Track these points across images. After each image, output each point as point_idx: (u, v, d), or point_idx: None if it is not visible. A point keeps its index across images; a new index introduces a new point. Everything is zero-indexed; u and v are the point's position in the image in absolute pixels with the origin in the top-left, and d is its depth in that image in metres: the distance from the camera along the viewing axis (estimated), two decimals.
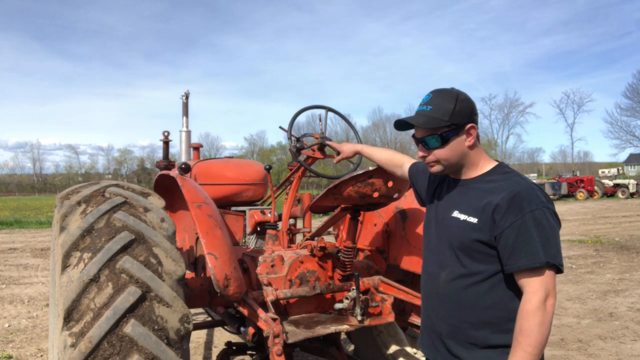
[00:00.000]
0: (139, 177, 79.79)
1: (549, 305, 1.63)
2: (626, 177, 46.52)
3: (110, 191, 2.39)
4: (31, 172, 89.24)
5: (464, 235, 1.79)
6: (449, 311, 1.85)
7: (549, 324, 1.63)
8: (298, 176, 3.63)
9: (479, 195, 1.80)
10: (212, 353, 5.24)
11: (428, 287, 1.98)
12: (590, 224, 18.04)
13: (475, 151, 1.87)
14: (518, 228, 1.66)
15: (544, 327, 1.61)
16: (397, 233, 3.37)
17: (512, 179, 1.78)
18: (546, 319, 1.62)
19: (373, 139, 76.75)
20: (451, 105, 1.81)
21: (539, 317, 1.61)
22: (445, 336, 1.87)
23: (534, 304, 1.62)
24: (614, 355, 5.04)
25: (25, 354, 5.25)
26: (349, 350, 4.35)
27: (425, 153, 1.88)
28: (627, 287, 8.02)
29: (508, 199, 1.70)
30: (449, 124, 1.80)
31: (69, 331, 1.91)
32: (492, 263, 1.75)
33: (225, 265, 2.44)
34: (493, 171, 1.86)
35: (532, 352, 1.60)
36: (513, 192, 1.70)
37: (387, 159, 2.50)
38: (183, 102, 5.17)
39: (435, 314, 1.93)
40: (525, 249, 1.64)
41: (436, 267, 1.92)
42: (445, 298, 1.86)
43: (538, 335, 1.61)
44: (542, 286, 1.63)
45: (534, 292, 1.63)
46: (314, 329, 2.72)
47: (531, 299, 1.63)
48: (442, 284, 1.87)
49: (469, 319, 1.79)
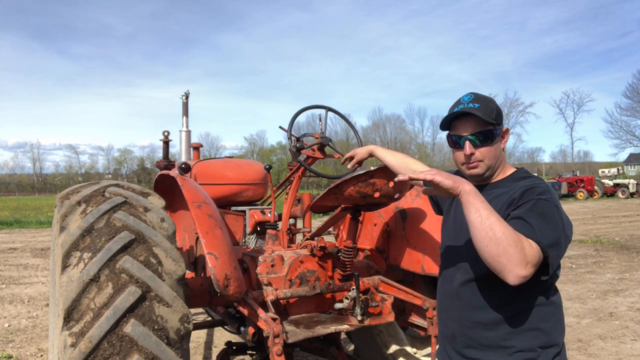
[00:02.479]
0: (139, 177, 79.79)
1: (523, 267, 1.51)
2: (626, 177, 46.52)
3: (110, 191, 2.39)
4: (31, 172, 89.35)
5: None
6: (460, 312, 1.85)
7: (512, 245, 1.50)
8: (298, 176, 3.63)
9: (500, 197, 1.81)
10: (212, 353, 5.24)
11: (443, 288, 1.98)
12: (590, 224, 18.03)
13: (503, 155, 1.93)
14: (524, 208, 1.66)
15: (508, 244, 1.50)
16: (397, 233, 3.37)
17: (531, 179, 1.83)
18: (518, 246, 1.50)
19: (373, 139, 76.75)
20: (493, 105, 1.86)
21: (515, 247, 1.50)
22: (457, 337, 1.86)
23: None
24: (614, 355, 5.04)
25: (25, 354, 5.25)
26: (349, 350, 4.35)
27: (474, 150, 1.85)
28: (627, 286, 8.03)
29: (522, 191, 1.72)
30: (494, 123, 1.83)
31: (69, 331, 1.91)
32: None
33: (225, 265, 2.44)
34: (515, 175, 1.90)
35: (487, 215, 1.54)
36: (528, 186, 1.74)
37: (400, 162, 2.45)
38: (183, 102, 5.17)
39: (447, 315, 1.93)
40: (523, 225, 1.61)
41: (452, 268, 1.92)
42: (458, 298, 1.86)
43: (500, 232, 1.51)
44: (529, 251, 1.54)
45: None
46: (314, 329, 2.72)
47: None
48: (456, 284, 1.87)
49: (480, 320, 1.78)
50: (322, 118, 3.52)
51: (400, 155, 2.52)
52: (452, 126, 1.90)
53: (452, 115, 1.88)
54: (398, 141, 77.60)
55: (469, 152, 1.84)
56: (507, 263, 1.51)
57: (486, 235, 1.53)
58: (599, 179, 37.76)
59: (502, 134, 1.89)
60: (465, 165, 1.89)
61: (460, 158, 1.89)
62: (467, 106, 1.84)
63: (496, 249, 1.52)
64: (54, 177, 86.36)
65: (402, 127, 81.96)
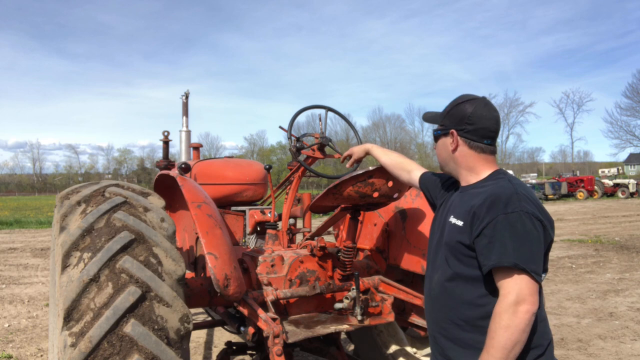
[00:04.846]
0: (139, 177, 79.79)
1: (521, 311, 1.57)
2: (626, 177, 46.53)
3: (110, 191, 2.39)
4: (31, 172, 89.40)
5: (451, 237, 1.84)
6: (437, 312, 1.90)
7: (519, 331, 1.57)
8: (298, 176, 3.63)
9: (467, 200, 1.83)
10: (212, 353, 5.24)
11: (426, 289, 2.03)
12: (590, 224, 18.03)
13: (467, 157, 1.89)
14: (492, 228, 1.66)
15: (510, 331, 1.57)
16: (397, 233, 3.37)
17: (499, 183, 1.78)
18: (514, 323, 1.57)
19: (373, 138, 76.73)
20: (448, 107, 1.97)
21: (506, 320, 1.57)
22: (438, 337, 1.90)
23: (502, 306, 1.60)
24: (614, 354, 5.04)
25: (25, 354, 5.25)
26: (349, 350, 4.35)
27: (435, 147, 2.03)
28: (627, 286, 8.02)
29: (486, 202, 1.71)
30: (441, 124, 1.97)
31: (69, 331, 1.91)
32: (474, 266, 1.76)
33: (225, 265, 2.44)
34: (489, 177, 1.87)
35: (494, 354, 1.58)
36: (492, 196, 1.72)
37: (394, 162, 2.47)
38: (183, 102, 5.17)
39: (428, 316, 2.00)
40: (496, 248, 1.64)
41: (432, 270, 1.97)
42: (435, 299, 1.91)
43: (502, 338, 1.57)
44: (513, 289, 1.60)
45: (505, 294, 1.61)
46: (314, 329, 2.72)
47: (501, 301, 1.61)
48: (434, 285, 1.92)
49: (454, 320, 1.82)
50: (322, 118, 3.52)
51: (395, 155, 2.52)
52: None
53: (426, 115, 2.13)
54: (398, 141, 77.58)
55: None
56: (526, 331, 1.60)
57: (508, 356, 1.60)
58: (599, 179, 37.75)
59: (449, 135, 1.91)
60: None
61: None
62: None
63: (513, 342, 1.59)
64: (54, 177, 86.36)
65: (402, 127, 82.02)
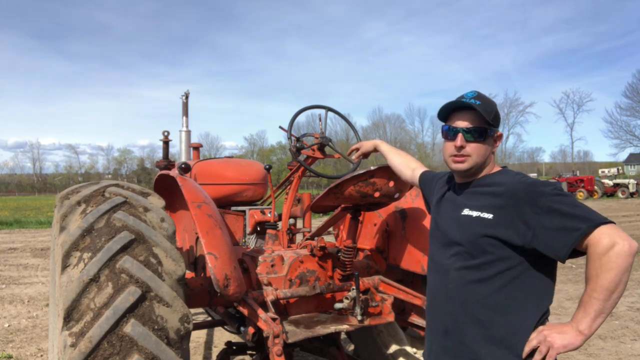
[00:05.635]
0: (139, 177, 79.78)
1: (617, 250, 1.56)
2: (626, 177, 46.51)
3: (110, 191, 2.39)
4: (31, 172, 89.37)
5: (475, 230, 1.81)
6: (455, 305, 1.85)
7: (622, 270, 1.57)
8: (298, 176, 3.63)
9: (485, 193, 1.85)
10: (212, 353, 5.24)
11: (436, 285, 1.98)
12: None
13: (492, 157, 1.96)
14: (562, 211, 1.65)
15: (614, 272, 1.56)
16: (397, 233, 3.37)
17: (513, 174, 1.88)
18: (616, 263, 1.56)
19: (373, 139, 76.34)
20: (494, 108, 1.90)
21: (606, 262, 1.56)
22: (450, 331, 1.86)
23: (600, 250, 1.58)
24: (614, 354, 5.04)
25: (25, 354, 5.25)
26: (349, 350, 4.35)
27: (464, 144, 1.87)
28: (627, 286, 8.01)
29: (525, 190, 1.74)
30: (490, 124, 1.88)
31: (69, 331, 1.91)
32: (502, 260, 1.75)
33: (225, 265, 2.44)
34: (499, 173, 1.92)
35: (597, 297, 1.59)
36: (523, 184, 1.77)
37: (400, 161, 2.54)
38: (183, 102, 5.17)
39: (441, 310, 1.93)
40: (574, 219, 1.63)
41: (446, 264, 1.92)
42: (453, 293, 1.86)
43: (604, 281, 1.57)
44: (609, 236, 1.58)
45: (597, 241, 1.59)
46: (314, 329, 2.72)
47: (597, 249, 1.59)
48: (451, 279, 1.88)
49: (474, 314, 1.79)
50: (322, 118, 3.52)
51: (402, 154, 2.59)
52: (450, 117, 1.94)
53: (452, 105, 1.92)
54: (398, 141, 77.54)
55: (459, 144, 1.87)
56: (628, 270, 1.60)
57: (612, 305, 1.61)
58: (599, 179, 37.77)
59: (495, 137, 1.94)
60: (453, 157, 1.91)
61: (449, 150, 1.92)
62: (469, 101, 1.87)
63: (616, 283, 1.58)
64: (54, 177, 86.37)
65: (402, 127, 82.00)
